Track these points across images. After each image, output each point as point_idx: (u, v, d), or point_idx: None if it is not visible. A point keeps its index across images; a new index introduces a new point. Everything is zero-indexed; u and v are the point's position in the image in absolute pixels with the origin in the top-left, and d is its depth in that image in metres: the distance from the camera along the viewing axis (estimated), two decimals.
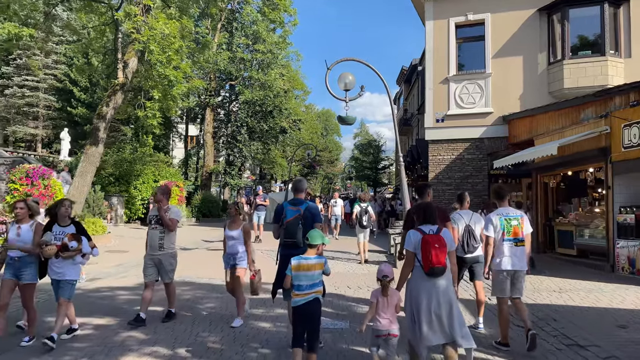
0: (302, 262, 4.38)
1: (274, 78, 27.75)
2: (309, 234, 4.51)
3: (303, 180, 5.66)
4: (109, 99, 14.56)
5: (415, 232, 4.38)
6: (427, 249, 4.18)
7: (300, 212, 5.15)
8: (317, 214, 5.34)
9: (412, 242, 4.33)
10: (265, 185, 57.56)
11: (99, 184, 21.32)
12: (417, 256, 4.30)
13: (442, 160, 16.27)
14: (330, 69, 11.00)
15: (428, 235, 4.27)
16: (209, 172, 28.76)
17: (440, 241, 4.24)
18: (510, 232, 5.41)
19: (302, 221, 5.09)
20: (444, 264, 4.19)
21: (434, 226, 4.43)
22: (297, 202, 5.31)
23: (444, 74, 16.17)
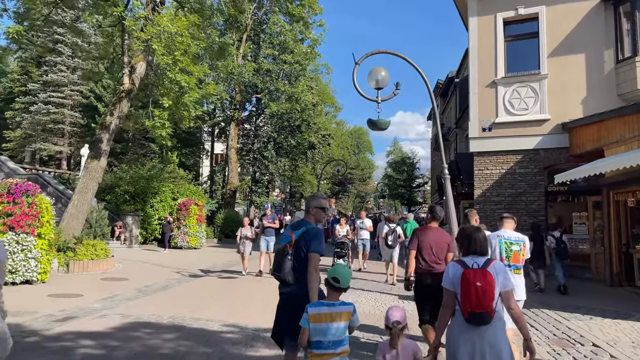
0: (324, 311, 3.40)
1: (302, 90, 26.14)
2: (337, 272, 3.51)
3: (315, 196, 4.39)
4: (114, 107, 13.13)
5: (455, 266, 3.48)
6: (467, 288, 3.30)
7: (292, 239, 4.00)
8: (316, 240, 3.98)
9: (450, 278, 3.46)
10: (295, 205, 55.95)
11: (113, 202, 20.01)
12: (456, 296, 3.41)
13: (490, 175, 14.11)
14: (359, 63, 9.16)
15: (470, 270, 3.36)
16: (233, 190, 27.23)
17: (485, 278, 3.30)
18: (510, 258, 5.12)
19: (292, 250, 3.96)
20: (488, 308, 3.26)
21: (481, 258, 3.48)
22: (297, 226, 4.13)
23: (490, 76, 14.12)
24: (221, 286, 10.84)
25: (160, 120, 13.24)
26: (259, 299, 9.19)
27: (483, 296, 3.24)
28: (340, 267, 3.60)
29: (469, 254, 3.54)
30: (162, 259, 16.53)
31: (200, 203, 21.30)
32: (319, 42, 27.57)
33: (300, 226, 4.06)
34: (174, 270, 13.51)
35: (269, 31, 27.47)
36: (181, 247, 20.35)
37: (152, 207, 21.01)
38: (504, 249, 5.20)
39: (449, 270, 3.53)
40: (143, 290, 10.32)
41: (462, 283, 3.33)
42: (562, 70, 13.29)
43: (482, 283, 3.26)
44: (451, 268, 3.52)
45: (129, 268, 13.64)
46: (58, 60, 33.03)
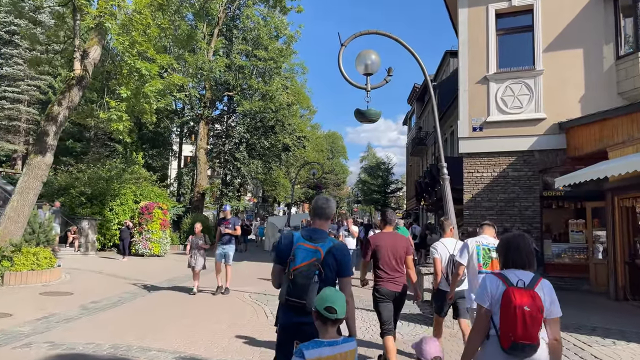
0: (327, 354, 2.51)
1: (276, 89, 24.76)
2: (330, 299, 2.59)
3: (330, 200, 3.50)
4: (63, 97, 11.49)
5: (494, 279, 2.83)
6: (510, 312, 2.64)
7: (320, 255, 3.12)
8: (347, 260, 3.25)
9: (488, 294, 2.79)
10: (268, 209, 54.32)
11: (68, 204, 18.21)
12: (492, 319, 2.77)
13: (481, 178, 13.03)
14: (346, 44, 7.91)
15: (515, 289, 2.70)
16: (202, 193, 25.59)
17: (534, 301, 2.66)
18: (488, 265, 4.97)
19: (321, 272, 3.09)
20: (536, 339, 2.64)
21: (525, 273, 2.82)
22: (317, 236, 3.23)
23: (482, 72, 13.08)
24: (181, 304, 9.36)
25: (117, 113, 11.67)
26: (225, 322, 7.78)
27: (532, 324, 2.64)
28: (331, 291, 2.68)
29: (509, 266, 2.91)
30: (119, 268, 14.87)
31: (165, 207, 19.67)
32: (295, 39, 26.26)
33: (322, 238, 3.18)
34: (130, 281, 11.94)
35: (242, 26, 26.04)
36: (143, 254, 18.67)
37: (112, 211, 19.27)
38: (482, 255, 4.96)
39: (485, 284, 2.87)
40: (88, 307, 8.78)
41: (504, 304, 2.71)
42: (558, 66, 12.33)
43: (530, 307, 2.66)
44: (489, 282, 2.86)
45: (77, 279, 11.99)
46: (14, 53, 30.81)
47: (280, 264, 3.25)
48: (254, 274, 14.11)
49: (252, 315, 8.33)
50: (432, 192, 25.98)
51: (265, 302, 9.48)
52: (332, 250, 3.13)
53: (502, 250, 3.00)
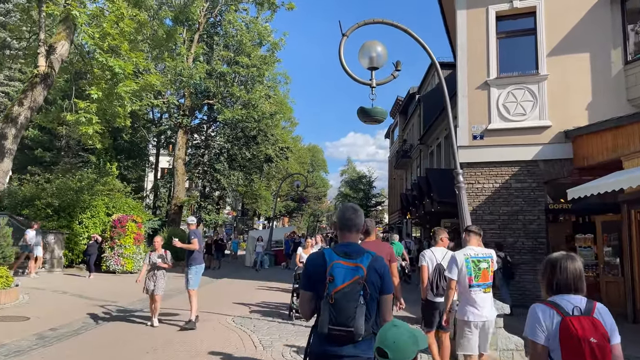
0: None
1: (259, 97, 23.74)
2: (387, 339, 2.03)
3: (358, 209, 2.99)
4: (24, 96, 10.26)
5: (546, 309, 2.49)
6: (575, 346, 2.33)
7: (363, 272, 2.66)
8: (389, 275, 2.83)
9: (543, 327, 2.46)
10: (247, 223, 52.87)
11: (32, 217, 16.76)
12: (551, 356, 2.43)
13: (482, 190, 12.19)
14: (348, 35, 6.97)
15: (574, 319, 2.37)
16: (179, 205, 24.27)
17: (597, 330, 2.34)
18: (479, 277, 4.76)
19: (366, 291, 2.64)
20: None
21: (577, 298, 2.49)
22: (353, 252, 2.75)
23: (482, 77, 12.31)
24: (152, 331, 8.16)
25: (86, 115, 10.49)
26: (204, 354, 6.64)
27: (602, 357, 2.31)
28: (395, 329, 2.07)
29: (556, 291, 2.58)
30: (86, 287, 13.53)
31: (139, 220, 18.33)
32: (279, 47, 25.35)
33: (360, 253, 2.77)
34: (96, 303, 10.66)
35: (224, 32, 25.03)
36: (114, 271, 17.28)
37: (81, 224, 17.87)
38: (472, 268, 4.77)
39: (537, 315, 2.53)
40: (45, 336, 7.55)
41: (564, 338, 2.38)
42: (563, 71, 11.64)
43: (597, 338, 2.33)
44: (541, 313, 2.52)
45: (37, 301, 10.66)
46: None
47: (312, 290, 2.77)
48: (236, 293, 12.95)
49: (239, 345, 7.19)
50: (419, 205, 25.18)
51: (252, 328, 8.35)
52: (374, 265, 2.73)
53: (547, 273, 2.65)
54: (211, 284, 15.55)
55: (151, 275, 8.43)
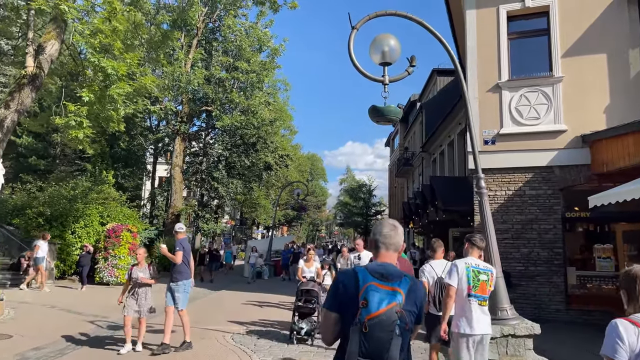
0: None
1: (259, 103, 23.20)
2: None
3: (397, 225, 2.62)
4: (11, 98, 9.66)
5: (630, 327, 2.30)
6: None
7: (401, 297, 2.32)
8: (423, 304, 2.51)
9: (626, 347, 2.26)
10: (246, 233, 52.14)
11: (22, 226, 16.13)
12: None
13: (494, 197, 11.59)
14: (358, 28, 6.41)
15: None
16: (177, 214, 23.62)
17: None
18: (477, 288, 4.65)
19: (403, 321, 2.30)
20: None
21: None
22: (391, 274, 2.39)
23: (493, 79, 11.77)
24: (145, 356, 7.50)
25: (77, 118, 9.90)
26: None
27: None
28: None
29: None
30: (77, 300, 12.86)
31: (135, 229, 17.68)
32: (279, 53, 24.85)
33: (398, 276, 2.39)
34: (86, 318, 10.00)
35: (223, 36, 24.52)
36: (108, 283, 16.60)
37: (74, 234, 17.20)
38: (472, 277, 4.66)
39: (619, 334, 2.28)
40: (27, 357, 6.95)
41: None
42: (579, 73, 11.10)
43: None
44: (623, 330, 2.27)
45: (23, 316, 9.99)
46: None
47: (339, 311, 2.45)
48: (232, 308, 12.31)
49: None
50: (422, 214, 24.58)
51: (253, 348, 7.70)
52: (414, 291, 2.42)
53: (629, 287, 2.47)
54: (204, 298, 14.91)
55: (133, 294, 7.30)
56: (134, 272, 7.38)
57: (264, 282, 21.12)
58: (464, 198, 19.47)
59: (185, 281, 7.46)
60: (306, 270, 9.73)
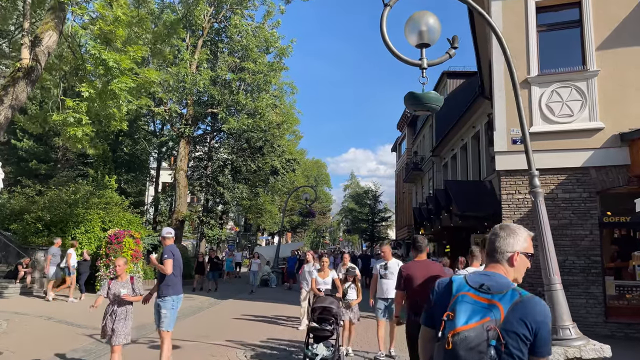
0: None
1: (266, 105, 22.47)
2: None
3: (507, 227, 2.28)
4: (4, 92, 8.92)
5: None
6: None
7: (499, 313, 1.92)
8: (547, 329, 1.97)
9: None
10: (251, 239, 51.30)
11: (20, 232, 15.38)
12: None
13: (523, 201, 10.78)
14: (392, 5, 5.64)
15: None
16: (181, 220, 22.85)
17: None
18: None
19: (501, 342, 1.88)
20: None
21: None
22: (492, 284, 2.04)
23: (521, 74, 10.93)
24: None
25: (75, 115, 9.15)
26: None
27: None
28: None
29: None
30: (75, 310, 12.06)
31: (138, 235, 16.90)
32: (287, 54, 24.14)
33: (501, 287, 1.99)
34: (84, 331, 9.19)
35: (229, 35, 23.82)
36: None
37: (74, 239, 16.40)
38: None
39: None
40: None
41: None
42: (616, 66, 10.30)
43: None
44: None
45: (16, 329, 9.20)
46: None
47: (432, 325, 2.17)
48: (240, 320, 11.46)
49: None
50: (435, 220, 23.75)
51: None
52: (522, 309, 1.92)
53: None
54: (211, 308, 14.09)
55: (111, 314, 5.93)
56: (113, 287, 5.92)
57: (271, 290, 20.29)
58: (481, 203, 18.73)
59: (174, 297, 6.26)
60: (321, 281, 8.67)
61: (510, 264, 2.15)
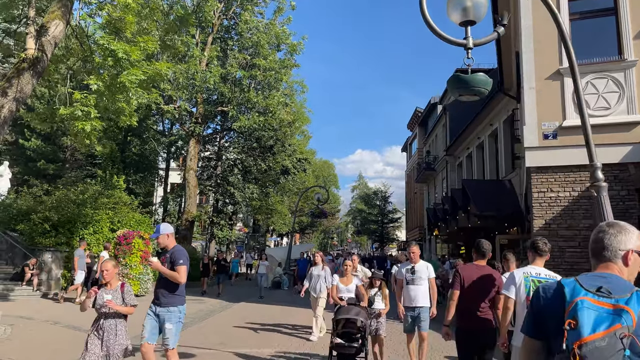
0: None
1: (277, 103, 21.94)
2: None
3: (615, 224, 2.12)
4: (8, 84, 8.43)
5: None
6: None
7: (631, 319, 1.72)
8: None
9: None
10: (259, 240, 50.80)
11: (27, 233, 14.95)
12: None
13: (556, 199, 10.14)
14: None
15: None
16: (191, 220, 22.37)
17: None
18: None
19: (636, 354, 1.70)
20: None
21: None
22: (613, 287, 1.83)
23: (553, 65, 10.35)
24: None
25: (83, 108, 8.66)
26: None
27: None
28: None
29: None
30: (84, 314, 11.53)
31: (147, 235, 16.40)
32: (297, 51, 23.61)
33: (623, 290, 1.82)
34: None
35: (240, 31, 23.32)
36: None
37: (82, 241, 15.95)
38: (532, 288, 4.29)
39: None
40: None
41: None
42: None
43: None
44: None
45: (20, 335, 8.70)
46: None
47: (541, 337, 1.97)
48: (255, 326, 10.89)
49: None
50: (450, 221, 23.09)
51: None
52: None
53: None
54: (223, 312, 13.56)
55: (97, 330, 4.79)
56: (99, 296, 4.80)
57: (282, 293, 19.68)
58: (500, 202, 18.09)
59: (181, 307, 5.27)
60: (343, 288, 7.41)
61: (625, 263, 1.97)
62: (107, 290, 4.88)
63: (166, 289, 5.22)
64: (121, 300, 4.86)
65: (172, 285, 5.20)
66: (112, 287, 4.92)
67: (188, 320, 10.16)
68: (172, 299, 5.21)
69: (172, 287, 5.21)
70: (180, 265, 5.15)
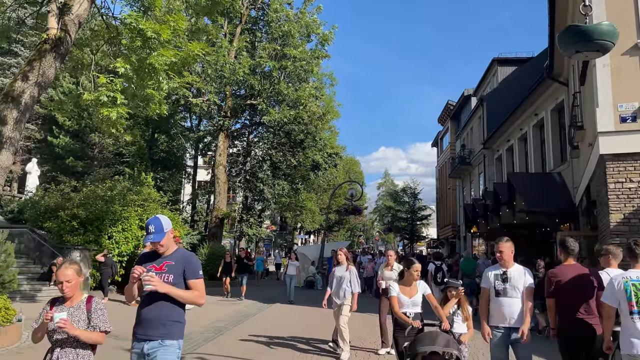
0: None
1: (308, 94, 21.04)
2: None
3: None
4: (30, 68, 7.75)
5: None
6: None
7: None
8: None
9: None
10: (287, 238, 50.12)
11: (55, 230, 14.39)
12: None
13: (636, 191, 8.97)
14: None
15: None
16: (221, 218, 21.67)
17: None
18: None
19: None
20: None
21: None
22: None
23: (630, 39, 9.17)
24: None
25: (109, 93, 7.88)
26: None
27: None
28: None
29: None
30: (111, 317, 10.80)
31: (178, 234, 15.74)
32: (329, 41, 22.63)
33: None
34: (120, 344, 7.87)
35: (268, 23, 22.51)
36: None
37: (111, 239, 15.38)
38: (633, 293, 4.03)
39: None
40: None
41: None
42: None
43: None
44: None
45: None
46: (13, 63, 27.68)
47: None
48: (302, 330, 9.96)
49: None
50: (492, 217, 21.83)
51: None
52: None
53: None
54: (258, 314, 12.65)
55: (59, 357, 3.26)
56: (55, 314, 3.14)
57: (316, 293, 18.44)
58: (550, 197, 16.81)
59: (180, 341, 3.59)
60: (406, 301, 5.38)
61: None
62: (63, 307, 3.30)
63: (166, 313, 3.49)
64: (85, 322, 3.31)
65: (175, 309, 3.53)
66: (72, 304, 3.34)
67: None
68: (172, 329, 3.51)
69: (175, 310, 3.53)
70: (199, 279, 3.60)
